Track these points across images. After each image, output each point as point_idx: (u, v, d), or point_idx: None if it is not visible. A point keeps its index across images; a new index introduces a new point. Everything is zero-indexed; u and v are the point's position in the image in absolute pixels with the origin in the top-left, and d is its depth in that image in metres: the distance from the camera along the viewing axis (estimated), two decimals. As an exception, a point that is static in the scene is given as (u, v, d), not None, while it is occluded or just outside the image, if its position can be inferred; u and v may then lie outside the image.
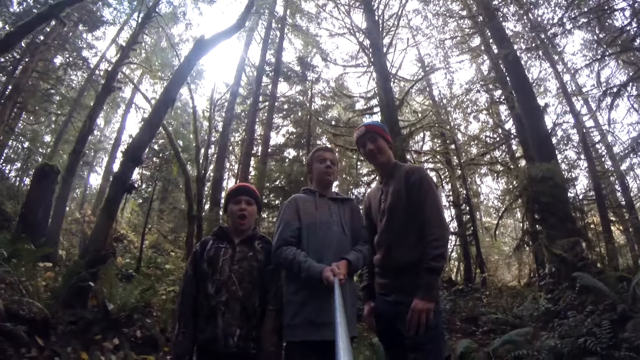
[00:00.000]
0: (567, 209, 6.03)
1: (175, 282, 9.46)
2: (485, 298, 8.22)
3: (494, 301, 7.96)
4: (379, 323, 2.24)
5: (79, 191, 19.03)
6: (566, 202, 6.20)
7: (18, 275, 3.73)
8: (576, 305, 4.46)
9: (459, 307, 7.29)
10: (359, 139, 2.34)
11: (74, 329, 3.86)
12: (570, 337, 3.77)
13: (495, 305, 6.82)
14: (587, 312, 4.01)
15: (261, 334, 1.96)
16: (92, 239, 4.60)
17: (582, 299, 4.45)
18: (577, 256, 4.85)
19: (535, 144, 6.77)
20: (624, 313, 3.79)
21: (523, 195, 6.72)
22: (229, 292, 1.95)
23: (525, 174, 6.16)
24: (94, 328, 4.03)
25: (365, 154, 2.31)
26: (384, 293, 2.17)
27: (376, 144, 2.26)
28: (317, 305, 1.96)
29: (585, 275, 4.35)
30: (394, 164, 2.29)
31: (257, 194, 2.23)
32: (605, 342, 3.42)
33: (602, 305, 4.05)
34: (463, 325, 6.72)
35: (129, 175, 5.06)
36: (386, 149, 2.28)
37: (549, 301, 4.88)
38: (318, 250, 2.08)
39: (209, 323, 1.93)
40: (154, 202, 13.01)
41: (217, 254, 2.02)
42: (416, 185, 2.09)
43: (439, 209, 2.07)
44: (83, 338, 3.86)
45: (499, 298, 7.80)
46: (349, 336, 1.06)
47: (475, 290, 9.42)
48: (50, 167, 6.61)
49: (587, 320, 3.88)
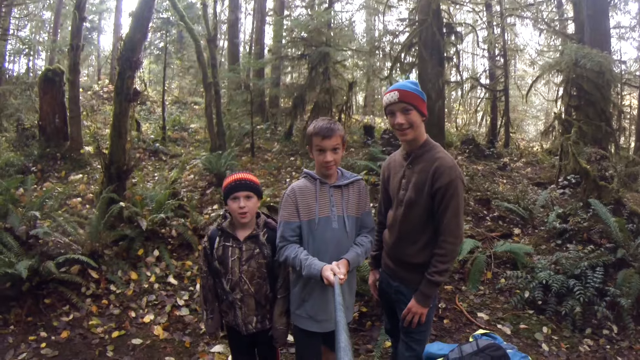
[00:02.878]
0: (607, 106, 5.30)
1: (200, 145, 10.02)
2: (503, 177, 8.28)
3: (510, 184, 8.07)
4: (381, 296, 2.47)
5: (93, 57, 18.02)
6: (607, 99, 5.40)
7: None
8: (584, 230, 4.51)
9: (475, 186, 7.50)
10: (388, 105, 2.01)
11: (117, 251, 4.49)
12: (563, 273, 3.99)
13: (510, 196, 6.95)
14: (589, 249, 4.10)
15: (273, 314, 2.23)
16: (112, 160, 4.73)
17: (592, 226, 4.47)
18: (600, 172, 4.57)
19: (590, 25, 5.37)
20: (622, 259, 3.84)
21: (564, 72, 5.79)
22: (242, 291, 2.11)
23: (572, 56, 5.14)
24: (135, 245, 4.66)
25: (393, 125, 2.01)
26: (389, 274, 2.27)
27: (408, 117, 1.95)
28: (316, 303, 2.13)
29: (600, 206, 4.23)
30: (423, 143, 2.03)
31: (257, 183, 2.14)
32: (591, 292, 3.63)
33: (607, 243, 4.10)
34: (476, 206, 7.06)
35: (129, 84, 4.72)
36: (419, 125, 1.98)
37: (558, 217, 4.94)
38: (317, 250, 2.10)
39: (229, 311, 2.18)
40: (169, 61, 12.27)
41: (225, 254, 2.10)
42: (442, 190, 1.91)
43: (459, 220, 1.95)
44: (127, 257, 4.53)
45: (516, 184, 7.85)
46: (349, 335, 1.13)
47: (498, 156, 9.43)
48: (52, 72, 6.20)
49: (585, 258, 4.01)
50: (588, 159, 4.73)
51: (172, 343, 3.49)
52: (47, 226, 3.77)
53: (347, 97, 9.55)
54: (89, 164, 6.61)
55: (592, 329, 3.56)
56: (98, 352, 3.11)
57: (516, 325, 3.80)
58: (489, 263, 4.94)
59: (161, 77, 10.75)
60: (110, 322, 3.55)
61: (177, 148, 9.15)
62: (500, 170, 9.14)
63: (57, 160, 6.49)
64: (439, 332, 3.82)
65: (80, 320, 3.44)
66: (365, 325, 3.72)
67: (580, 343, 3.42)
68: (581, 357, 3.22)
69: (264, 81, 9.77)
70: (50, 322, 3.29)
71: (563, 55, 5.48)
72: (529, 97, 10.86)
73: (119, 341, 3.32)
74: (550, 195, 5.66)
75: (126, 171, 4.94)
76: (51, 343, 3.06)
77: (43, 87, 6.83)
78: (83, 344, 3.17)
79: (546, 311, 3.85)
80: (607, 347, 3.32)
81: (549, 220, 4.72)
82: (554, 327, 3.69)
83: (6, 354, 2.81)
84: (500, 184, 7.82)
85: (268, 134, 10.63)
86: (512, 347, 3.49)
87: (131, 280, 4.23)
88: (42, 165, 6.25)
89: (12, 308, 3.19)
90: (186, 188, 7.04)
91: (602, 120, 5.10)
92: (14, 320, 3.11)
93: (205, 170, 7.33)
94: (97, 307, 3.69)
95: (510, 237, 6.09)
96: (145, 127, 9.63)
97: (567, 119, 5.87)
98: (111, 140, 4.50)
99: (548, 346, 3.41)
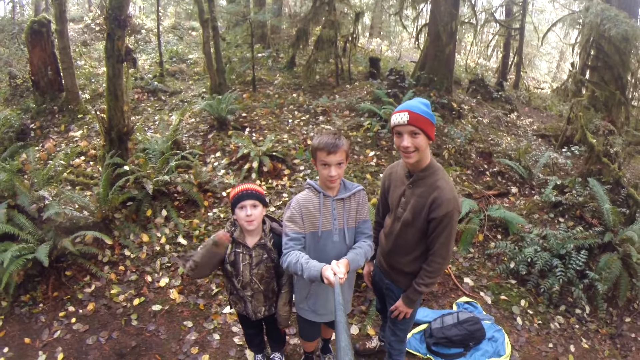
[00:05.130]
0: (625, 73, 5.00)
1: (202, 78, 9.51)
2: (508, 125, 8.08)
3: (514, 134, 7.90)
4: (373, 284, 2.81)
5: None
6: (627, 66, 5.04)
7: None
8: (578, 206, 4.63)
9: (479, 137, 7.40)
10: (396, 126, 1.96)
11: (126, 214, 4.66)
12: (549, 251, 4.22)
13: (512, 152, 6.91)
14: (579, 229, 4.26)
15: (278, 304, 2.55)
16: (111, 124, 4.62)
17: (586, 203, 4.57)
18: (605, 145, 4.52)
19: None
20: (609, 242, 4.02)
21: (585, 29, 5.31)
22: (253, 289, 2.39)
23: (597, 17, 4.67)
24: (143, 206, 4.83)
25: (399, 146, 1.98)
26: (382, 272, 2.53)
27: (415, 141, 1.92)
28: (318, 300, 2.41)
29: (597, 187, 4.28)
30: (426, 166, 2.04)
31: (262, 193, 2.30)
32: (571, 274, 3.89)
33: (598, 224, 4.24)
34: (477, 159, 7.09)
35: (120, 45, 4.38)
36: (424, 148, 1.96)
37: (555, 188, 5.00)
38: (317, 260, 2.24)
39: (239, 302, 2.49)
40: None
41: (237, 260, 2.32)
42: (437, 220, 2.04)
43: (449, 246, 2.13)
44: (137, 219, 4.72)
45: (520, 137, 7.70)
46: (349, 335, 1.22)
47: (506, 100, 9.08)
48: (38, 23, 5.57)
49: (573, 238, 4.20)
50: (596, 131, 4.63)
51: (187, 306, 3.87)
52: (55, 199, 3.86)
53: (354, 27, 8.80)
54: (87, 113, 6.42)
55: (566, 307, 3.93)
56: (124, 322, 3.49)
57: (497, 295, 4.17)
58: (482, 225, 5.17)
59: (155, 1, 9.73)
60: (130, 289, 3.89)
61: (176, 83, 8.74)
62: (507, 115, 8.91)
63: (55, 114, 6.30)
64: (426, 297, 4.20)
65: (102, 290, 3.77)
66: (361, 287, 4.03)
67: (553, 320, 3.81)
68: (550, 335, 3.63)
69: (265, 10, 8.88)
70: (75, 295, 3.61)
71: (587, 13, 4.93)
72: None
73: (140, 309, 3.69)
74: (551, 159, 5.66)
75: (127, 133, 4.86)
76: (80, 317, 3.42)
77: (31, 41, 6.42)
78: (109, 314, 3.53)
79: (528, 283, 4.18)
80: (575, 327, 3.72)
81: (545, 192, 4.81)
82: (531, 300, 4.06)
83: (42, 334, 3.17)
84: (504, 137, 7.71)
85: (270, 63, 10.05)
86: (490, 317, 3.91)
87: (143, 243, 4.48)
88: (40, 122, 6.10)
89: (37, 285, 3.48)
90: (188, 133, 6.97)
91: (618, 88, 4.84)
92: (42, 298, 3.43)
93: (207, 113, 7.17)
94: (116, 275, 4.00)
95: (507, 196, 6.28)
96: (142, 61, 9.02)
97: (582, 80, 5.55)
98: (108, 104, 4.33)
99: (522, 320, 3.81)
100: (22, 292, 3.43)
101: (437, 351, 3.48)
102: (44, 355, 3.02)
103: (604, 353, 3.43)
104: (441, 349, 3.50)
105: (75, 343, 3.17)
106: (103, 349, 3.19)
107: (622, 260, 3.81)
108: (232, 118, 7.19)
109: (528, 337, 3.60)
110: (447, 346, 3.49)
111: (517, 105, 8.90)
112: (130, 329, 3.45)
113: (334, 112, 8.39)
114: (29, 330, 3.22)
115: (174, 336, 3.49)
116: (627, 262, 3.80)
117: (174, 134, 6.07)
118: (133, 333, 3.42)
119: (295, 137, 7.21)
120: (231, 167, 6.28)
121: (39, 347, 3.08)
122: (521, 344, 3.54)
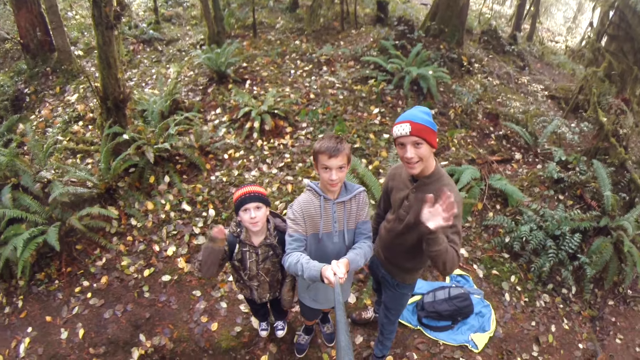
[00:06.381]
0: None
1: (200, 23, 8.81)
2: (518, 82, 7.69)
3: (524, 93, 7.55)
4: (370, 269, 3.01)
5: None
6: None
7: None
8: (579, 185, 4.62)
9: (487, 97, 7.11)
10: (398, 138, 1.94)
11: (129, 182, 4.68)
12: (544, 230, 4.32)
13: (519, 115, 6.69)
14: (576, 212, 4.31)
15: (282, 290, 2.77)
16: (106, 93, 4.42)
17: (588, 182, 4.56)
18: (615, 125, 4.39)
19: None
20: (605, 227, 4.09)
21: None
22: (259, 281, 2.58)
23: None
24: (145, 173, 4.83)
25: (402, 158, 1.96)
26: (379, 262, 2.65)
27: (419, 151, 1.89)
28: (319, 292, 2.61)
29: (601, 171, 4.24)
30: (431, 173, 2.02)
31: (264, 195, 2.36)
32: (563, 255, 4.03)
33: (596, 207, 4.27)
34: (483, 120, 6.91)
35: (108, 10, 4.02)
36: (428, 157, 1.94)
37: (559, 164, 4.95)
38: (317, 260, 2.45)
39: (245, 289, 2.69)
40: None
41: (244, 257, 2.46)
42: None
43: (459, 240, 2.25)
44: (141, 187, 4.75)
45: (529, 97, 7.36)
46: (349, 335, 1.38)
47: (518, 54, 8.54)
48: None
49: (569, 219, 4.27)
50: (608, 108, 4.44)
51: (195, 275, 4.09)
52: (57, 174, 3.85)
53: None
54: (82, 71, 6.06)
55: (554, 285, 4.13)
56: (137, 294, 3.71)
57: (489, 269, 4.37)
58: (482, 193, 5.22)
59: None
60: (139, 260, 4.06)
61: (173, 29, 8.13)
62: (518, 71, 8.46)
63: (49, 76, 5.97)
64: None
65: (113, 262, 3.94)
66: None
67: (539, 297, 4.04)
68: (534, 313, 3.88)
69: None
70: (87, 269, 3.78)
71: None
72: None
73: (151, 280, 3.89)
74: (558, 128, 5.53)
75: (123, 100, 4.69)
76: (95, 291, 3.62)
77: (16, 3, 5.99)
78: (122, 287, 3.74)
79: (520, 259, 4.35)
80: (559, 307, 3.95)
81: (549, 168, 4.78)
82: (521, 276, 4.27)
83: (61, 311, 3.38)
84: (512, 97, 7.41)
85: (271, 3, 9.25)
86: (480, 292, 4.15)
87: (148, 211, 4.57)
88: (34, 86, 5.79)
89: (50, 262, 3.62)
90: (186, 87, 6.69)
91: (636, 62, 4.53)
92: (57, 275, 3.59)
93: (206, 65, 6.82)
94: (124, 245, 4.14)
95: (510, 162, 6.24)
96: (135, 6, 8.23)
97: (599, 48, 5.17)
98: (101, 73, 4.09)
99: (510, 296, 4.05)
100: (36, 269, 3.59)
101: (427, 324, 3.76)
102: (66, 332, 3.26)
103: (582, 335, 3.71)
104: (431, 321, 3.77)
105: (94, 318, 3.40)
106: (120, 322, 3.43)
107: (614, 245, 3.92)
108: (232, 70, 6.86)
109: (513, 314, 3.85)
110: (437, 319, 3.76)
111: (529, 61, 8.42)
112: (143, 301, 3.68)
113: (339, 61, 7.98)
114: (49, 308, 3.44)
115: (184, 305, 3.74)
116: (619, 248, 3.91)
117: (173, 93, 5.84)
118: (146, 304, 3.66)
119: (298, 90, 6.95)
120: (232, 126, 6.15)
121: (60, 325, 3.31)
122: (506, 320, 3.81)
